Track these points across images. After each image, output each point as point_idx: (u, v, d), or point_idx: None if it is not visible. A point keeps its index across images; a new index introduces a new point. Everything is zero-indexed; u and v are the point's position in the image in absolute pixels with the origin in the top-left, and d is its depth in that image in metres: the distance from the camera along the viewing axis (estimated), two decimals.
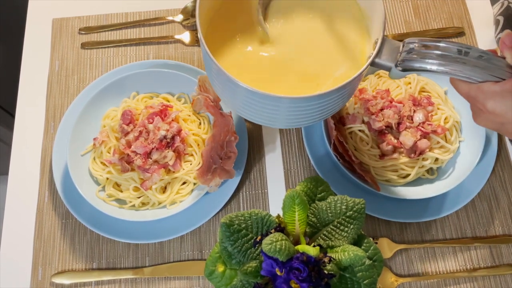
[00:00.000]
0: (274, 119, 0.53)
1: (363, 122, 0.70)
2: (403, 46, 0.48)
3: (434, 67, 0.46)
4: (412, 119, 0.69)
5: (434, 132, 0.68)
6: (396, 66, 0.48)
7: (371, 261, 0.48)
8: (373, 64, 0.49)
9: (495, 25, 0.79)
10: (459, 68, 0.46)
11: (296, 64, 0.55)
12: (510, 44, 0.46)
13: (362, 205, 0.50)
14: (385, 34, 0.49)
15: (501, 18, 0.77)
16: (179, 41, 0.82)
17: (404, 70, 0.47)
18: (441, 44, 0.47)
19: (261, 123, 0.56)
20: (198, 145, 0.70)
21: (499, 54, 0.48)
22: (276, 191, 0.73)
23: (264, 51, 0.56)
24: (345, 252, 0.45)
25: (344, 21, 0.57)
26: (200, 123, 0.73)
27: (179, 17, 0.83)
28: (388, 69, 0.49)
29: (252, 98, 0.49)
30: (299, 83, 0.54)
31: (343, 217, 0.49)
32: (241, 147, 0.71)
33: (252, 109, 0.52)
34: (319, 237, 0.49)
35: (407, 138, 0.67)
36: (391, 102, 0.69)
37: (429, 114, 0.70)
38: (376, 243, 0.69)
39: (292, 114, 0.52)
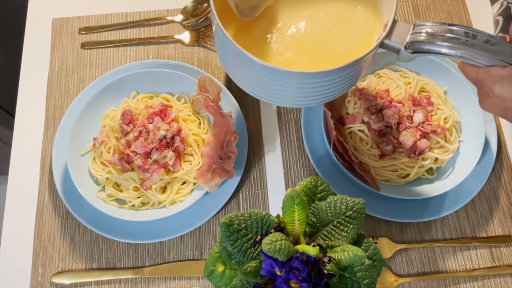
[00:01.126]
0: (281, 96, 0.53)
1: (362, 122, 0.70)
2: (413, 28, 0.48)
3: (444, 50, 0.47)
4: (411, 119, 0.69)
5: (434, 132, 0.68)
6: (405, 48, 0.48)
7: (371, 261, 0.48)
8: (382, 45, 0.49)
9: (494, 25, 0.79)
10: (468, 51, 0.46)
11: (306, 44, 0.56)
12: None
13: (362, 205, 0.49)
14: (395, 15, 0.49)
15: (500, 18, 0.77)
16: (179, 41, 0.82)
17: (414, 52, 0.48)
18: (452, 27, 0.47)
19: (268, 101, 0.56)
20: (198, 145, 0.70)
21: (508, 40, 0.48)
22: (276, 191, 0.73)
23: (272, 31, 0.57)
24: (345, 252, 0.45)
25: (356, 3, 0.58)
26: (200, 123, 0.73)
27: (179, 17, 0.83)
28: (397, 51, 0.49)
29: (262, 73, 0.49)
30: (308, 63, 0.56)
31: (343, 217, 0.49)
32: (241, 147, 0.71)
33: (260, 85, 0.52)
34: (319, 237, 0.49)
35: (407, 138, 0.67)
36: (390, 102, 0.69)
37: (429, 114, 0.70)
38: (376, 243, 0.69)
39: (299, 91, 0.52)
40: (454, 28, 0.47)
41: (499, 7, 0.79)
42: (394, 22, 0.49)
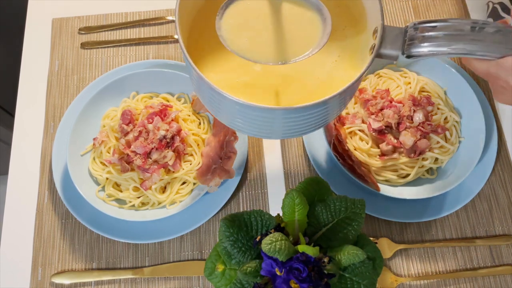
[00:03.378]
0: (269, 131, 0.49)
1: (363, 122, 0.70)
2: (407, 30, 0.44)
3: (445, 49, 0.42)
4: (412, 119, 0.69)
5: (434, 132, 0.68)
6: (403, 53, 0.44)
7: (371, 261, 0.48)
8: (378, 55, 0.44)
9: None
10: (473, 46, 0.42)
11: (287, 67, 0.49)
12: None
13: (362, 205, 0.50)
14: (383, 20, 0.44)
15: (491, 20, 0.78)
16: (178, 41, 0.82)
17: (413, 56, 0.43)
18: (449, 23, 0.43)
19: (257, 136, 0.51)
20: (198, 145, 0.70)
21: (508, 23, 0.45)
22: (276, 191, 0.72)
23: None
24: (345, 252, 0.45)
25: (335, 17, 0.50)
26: (199, 123, 0.73)
27: None
28: (395, 58, 0.45)
29: (244, 111, 0.45)
30: (292, 88, 0.49)
31: (343, 217, 0.49)
32: (241, 147, 0.71)
33: (245, 122, 0.47)
34: (319, 237, 0.49)
35: (407, 138, 0.67)
36: (391, 102, 0.69)
37: (429, 114, 0.70)
38: (376, 243, 0.69)
39: (289, 125, 0.47)
40: (453, 23, 0.43)
41: (486, 9, 0.79)
42: (384, 27, 0.44)
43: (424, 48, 0.43)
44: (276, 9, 0.47)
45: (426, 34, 0.43)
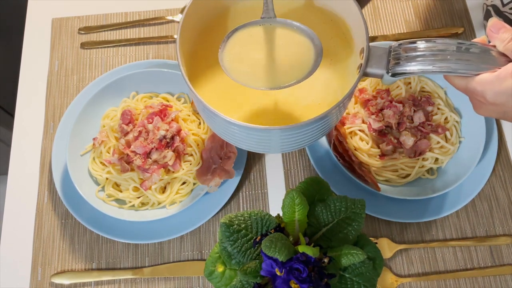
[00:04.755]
0: (268, 147, 0.52)
1: (363, 122, 0.70)
2: (390, 51, 0.47)
3: (430, 67, 0.45)
4: (412, 119, 0.68)
5: (434, 132, 0.68)
6: (387, 72, 0.47)
7: (371, 261, 0.48)
8: (365, 74, 0.47)
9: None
10: (451, 64, 0.45)
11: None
12: (498, 32, 0.45)
13: (362, 205, 0.49)
14: (369, 41, 0.47)
15: (486, 23, 0.78)
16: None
17: (398, 74, 0.46)
18: (428, 44, 0.46)
19: (256, 151, 0.55)
20: (198, 145, 0.70)
21: (487, 42, 0.47)
22: (276, 191, 0.72)
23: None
24: (345, 252, 0.45)
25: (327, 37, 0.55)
26: (199, 123, 0.73)
27: (179, 17, 0.83)
28: (380, 76, 0.48)
29: (241, 131, 0.48)
30: (289, 105, 0.53)
31: (343, 217, 0.49)
32: None
33: (243, 140, 0.50)
34: (319, 237, 0.49)
35: (407, 138, 0.67)
36: (391, 102, 0.69)
37: (429, 114, 0.70)
38: (376, 243, 0.68)
39: (286, 141, 0.50)
40: (432, 44, 0.45)
41: (481, 11, 0.79)
42: (369, 48, 0.47)
43: (409, 67, 0.46)
44: (273, 38, 0.50)
45: (411, 53, 0.46)
